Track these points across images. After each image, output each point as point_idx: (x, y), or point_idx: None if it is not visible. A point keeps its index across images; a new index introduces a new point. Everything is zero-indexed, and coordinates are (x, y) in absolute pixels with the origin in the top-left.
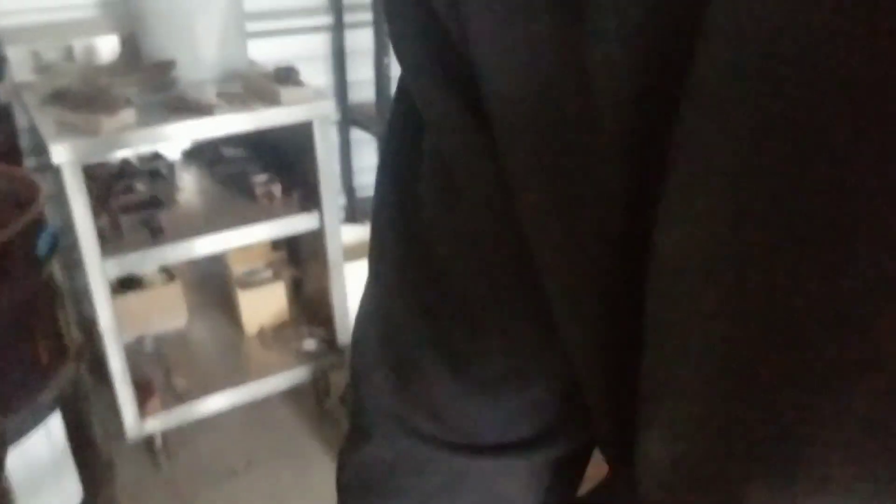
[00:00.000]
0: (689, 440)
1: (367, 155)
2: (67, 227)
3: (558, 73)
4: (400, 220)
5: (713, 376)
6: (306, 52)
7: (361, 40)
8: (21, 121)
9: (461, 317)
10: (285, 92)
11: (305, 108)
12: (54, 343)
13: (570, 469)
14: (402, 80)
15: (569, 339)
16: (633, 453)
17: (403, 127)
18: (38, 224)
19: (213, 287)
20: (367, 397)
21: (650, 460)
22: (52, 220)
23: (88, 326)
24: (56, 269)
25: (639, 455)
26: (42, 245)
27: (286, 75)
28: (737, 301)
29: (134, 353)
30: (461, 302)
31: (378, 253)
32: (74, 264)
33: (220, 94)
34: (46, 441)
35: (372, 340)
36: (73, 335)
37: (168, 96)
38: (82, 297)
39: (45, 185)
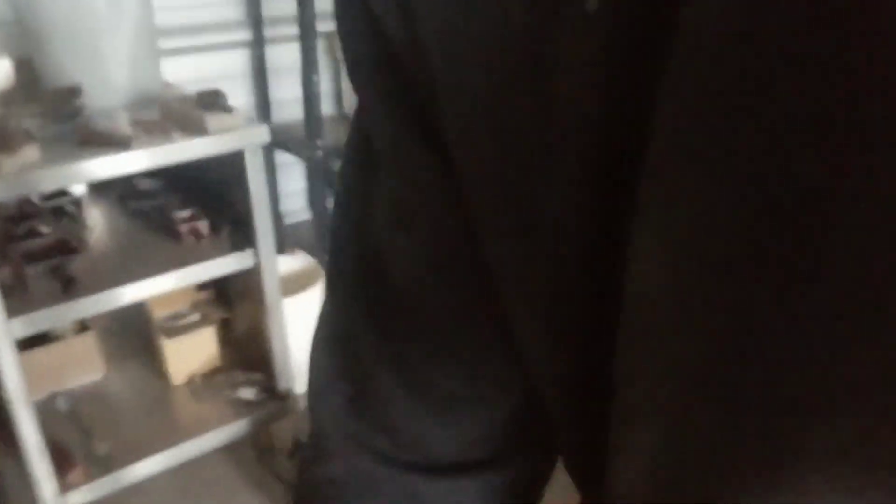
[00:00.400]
0: (659, 463)
1: (293, 179)
2: None
3: (520, 96)
4: (357, 241)
5: (680, 397)
6: (224, 70)
7: (283, 57)
8: None
9: (417, 338)
10: (212, 119)
11: (236, 136)
12: None
13: (526, 493)
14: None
15: (532, 360)
16: (604, 476)
17: (360, 149)
18: None
19: (132, 334)
20: (324, 416)
21: (621, 483)
22: None
23: None
24: None
25: (610, 478)
26: None
27: (212, 100)
28: (703, 319)
29: (47, 415)
30: (417, 323)
31: (335, 273)
32: None
33: (135, 123)
34: None
35: (329, 360)
36: None
37: (75, 127)
38: None
39: None
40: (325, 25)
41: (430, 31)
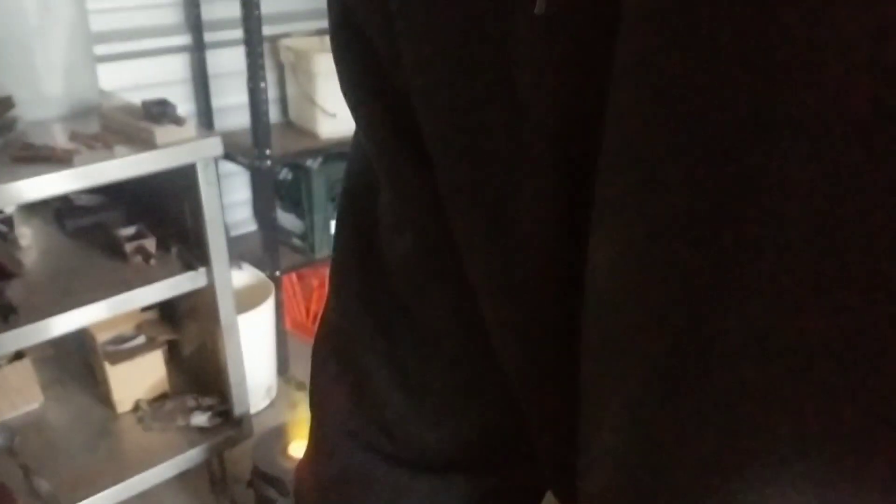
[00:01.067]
0: (626, 463)
1: (238, 189)
2: None
3: (487, 104)
4: (360, 244)
5: (645, 395)
6: (163, 76)
7: (225, 62)
8: None
9: (414, 339)
10: (161, 131)
11: (187, 148)
12: None
13: (521, 498)
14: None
15: (506, 363)
16: (577, 489)
17: (361, 157)
18: None
19: (71, 359)
20: (325, 413)
21: (592, 485)
22: None
23: None
24: None
25: (581, 481)
26: None
27: (160, 111)
28: (660, 316)
29: None
30: (413, 325)
31: (339, 275)
32: None
33: (73, 137)
34: None
35: (331, 360)
36: None
37: (7, 142)
38: None
39: None
40: (270, 30)
41: (407, 42)
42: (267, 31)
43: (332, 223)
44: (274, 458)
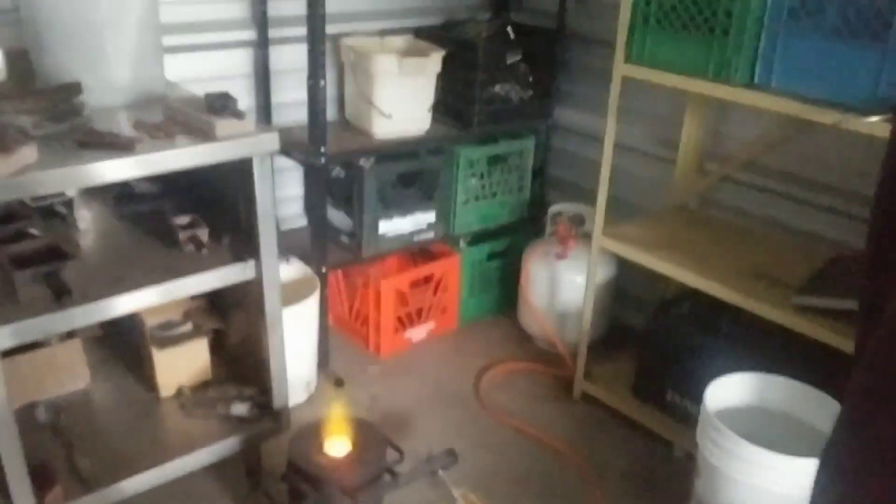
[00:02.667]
0: None
1: (291, 184)
2: None
3: None
4: None
5: None
6: (226, 69)
7: (286, 58)
8: None
9: None
10: (221, 124)
11: (245, 142)
12: None
13: None
14: None
15: None
16: None
17: None
18: None
19: (120, 342)
20: None
21: None
22: None
23: None
24: None
25: None
26: None
27: (222, 104)
28: None
29: (26, 425)
30: None
31: None
32: None
33: (137, 125)
34: None
35: None
36: None
37: (73, 127)
38: None
39: None
40: (333, 28)
41: None
42: (329, 29)
43: (381, 223)
44: (309, 454)
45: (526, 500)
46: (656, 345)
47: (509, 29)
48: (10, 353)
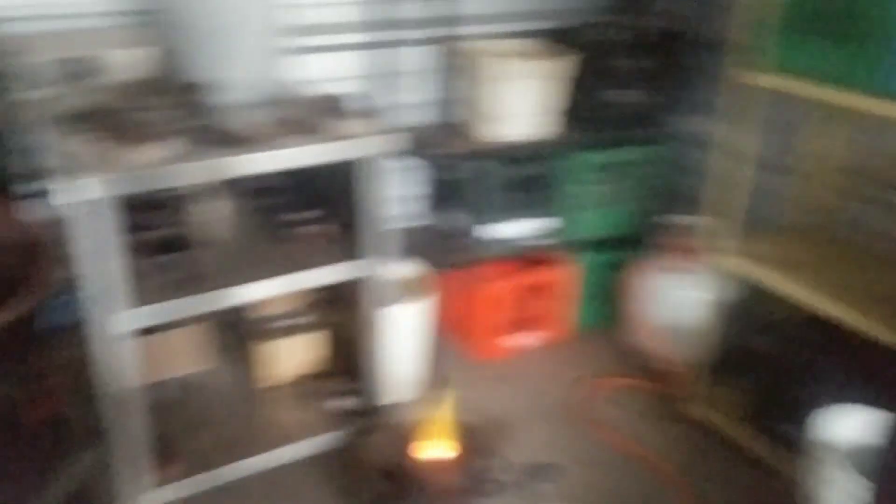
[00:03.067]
0: None
1: (408, 184)
2: (85, 272)
3: None
4: None
5: None
6: (347, 71)
7: (406, 60)
8: (27, 140)
9: None
10: (342, 124)
11: (364, 142)
12: (69, 429)
13: None
14: None
15: None
16: None
17: None
18: (49, 293)
19: (239, 327)
20: None
21: None
22: (67, 269)
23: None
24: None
25: None
26: (54, 316)
27: (337, 105)
28: None
29: (152, 402)
30: None
31: None
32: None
33: (265, 123)
34: None
35: None
36: (94, 410)
37: (206, 123)
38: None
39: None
40: (450, 31)
41: None
42: (447, 32)
43: (497, 226)
44: (409, 453)
45: None
46: (776, 371)
47: (636, 33)
48: (139, 333)
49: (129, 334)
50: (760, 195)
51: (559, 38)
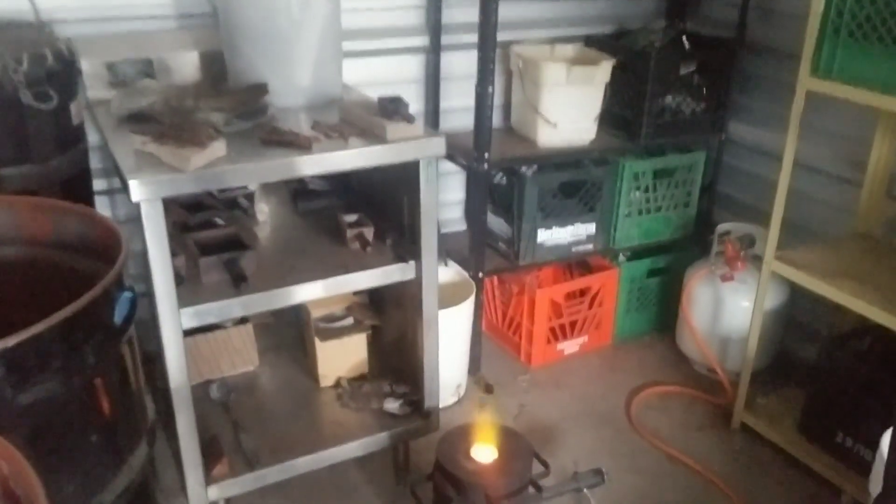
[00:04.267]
0: None
1: (453, 188)
2: (144, 270)
3: None
4: None
5: None
6: (398, 74)
7: (455, 65)
8: (92, 138)
9: None
10: (392, 127)
11: (413, 146)
12: (128, 424)
13: None
14: None
15: None
16: None
17: None
18: (117, 286)
19: (286, 330)
20: None
21: None
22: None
23: (153, 365)
24: (133, 336)
25: None
26: (118, 312)
27: (394, 108)
28: None
29: (199, 401)
30: None
31: None
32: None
33: (315, 125)
34: None
35: None
36: (149, 407)
37: (259, 125)
38: (149, 335)
39: (115, 211)
40: (503, 36)
41: None
42: (500, 36)
43: (540, 232)
44: (456, 456)
45: None
46: (829, 381)
47: (684, 38)
48: (189, 332)
49: (182, 332)
50: (811, 202)
51: (608, 44)
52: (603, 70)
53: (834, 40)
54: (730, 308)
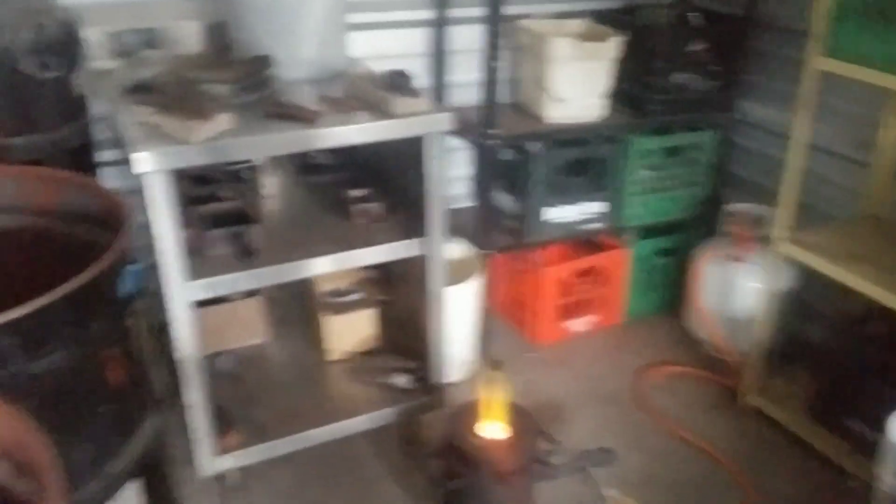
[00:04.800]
0: None
1: (459, 164)
2: (151, 242)
3: None
4: None
5: None
6: (404, 48)
7: (462, 39)
8: (96, 109)
9: None
10: (398, 102)
11: (420, 121)
12: (137, 395)
13: None
14: None
15: None
16: None
17: None
18: (123, 259)
19: (295, 304)
20: None
21: None
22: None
23: (161, 337)
24: (140, 308)
25: None
26: (125, 284)
27: (399, 82)
28: None
29: (210, 372)
30: None
31: None
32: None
33: (321, 99)
34: None
35: None
36: (158, 378)
37: (263, 98)
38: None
39: (121, 183)
40: (510, 10)
41: None
42: (507, 10)
43: (547, 209)
44: (464, 433)
45: None
46: (839, 364)
47: (694, 15)
48: (198, 305)
49: (190, 305)
50: (822, 183)
51: (617, 19)
52: (611, 46)
53: (845, 19)
54: (738, 289)
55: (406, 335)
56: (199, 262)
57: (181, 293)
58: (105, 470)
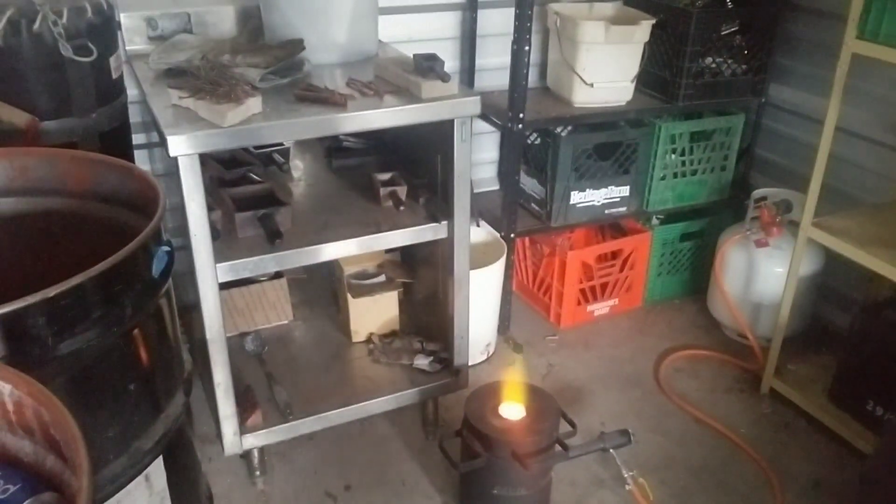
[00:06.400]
0: None
1: (486, 148)
2: (181, 224)
3: None
4: None
5: None
6: (435, 31)
7: (492, 23)
8: (131, 92)
9: None
10: (427, 86)
11: (448, 105)
12: (166, 373)
13: None
14: None
15: None
16: None
17: None
18: (155, 240)
19: (319, 285)
20: None
21: None
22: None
23: (188, 316)
24: (170, 288)
25: None
26: (156, 265)
27: (429, 66)
28: None
29: (234, 353)
30: None
31: None
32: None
33: (350, 83)
34: (147, 494)
35: None
36: (183, 358)
37: (294, 81)
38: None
39: (154, 165)
40: None
41: None
42: None
43: (573, 193)
44: (484, 414)
45: (699, 493)
46: (862, 349)
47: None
48: (225, 286)
49: (218, 286)
50: (850, 168)
51: (648, 3)
52: (642, 29)
53: (882, 2)
54: (763, 273)
55: (429, 317)
56: (228, 243)
57: (210, 274)
58: (132, 447)
